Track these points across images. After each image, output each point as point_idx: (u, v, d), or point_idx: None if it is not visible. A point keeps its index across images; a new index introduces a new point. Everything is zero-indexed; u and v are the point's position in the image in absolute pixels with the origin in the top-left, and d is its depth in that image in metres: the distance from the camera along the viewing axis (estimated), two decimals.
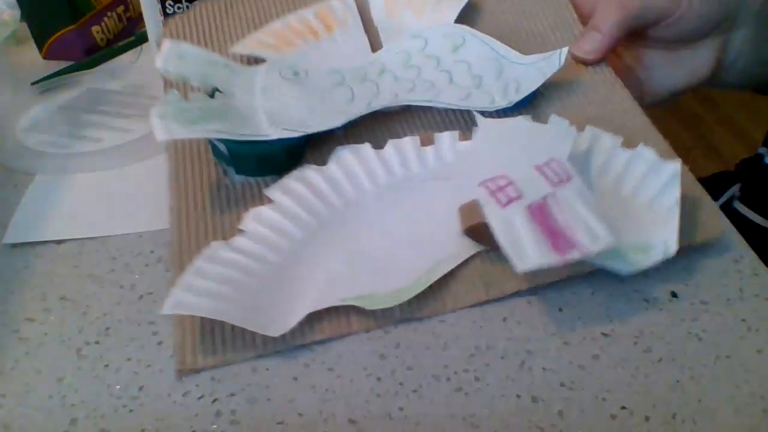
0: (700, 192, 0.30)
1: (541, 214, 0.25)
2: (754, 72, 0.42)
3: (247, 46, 0.37)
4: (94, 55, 0.48)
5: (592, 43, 0.35)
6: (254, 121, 0.30)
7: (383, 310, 0.26)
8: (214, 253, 0.27)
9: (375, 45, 0.38)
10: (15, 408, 0.24)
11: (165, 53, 0.31)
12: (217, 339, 0.25)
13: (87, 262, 0.30)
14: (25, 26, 0.49)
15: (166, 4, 0.42)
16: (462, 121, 0.33)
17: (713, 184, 0.57)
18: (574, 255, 0.24)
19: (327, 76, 0.34)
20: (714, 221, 0.29)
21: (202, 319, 0.25)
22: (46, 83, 0.44)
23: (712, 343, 0.25)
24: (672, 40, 0.38)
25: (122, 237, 0.31)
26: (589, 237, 0.24)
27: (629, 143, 0.30)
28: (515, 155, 0.28)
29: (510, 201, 0.26)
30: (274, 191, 0.29)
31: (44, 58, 0.48)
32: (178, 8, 0.42)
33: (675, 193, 0.28)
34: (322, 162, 0.31)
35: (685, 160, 0.30)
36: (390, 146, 0.31)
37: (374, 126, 0.33)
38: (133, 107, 0.41)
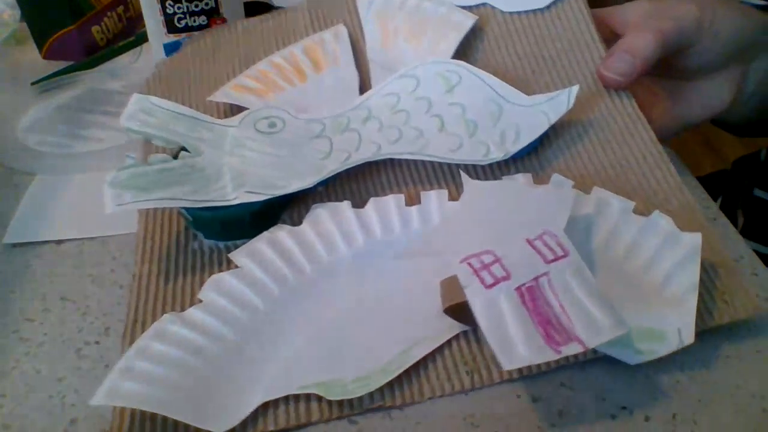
0: (729, 262, 0.26)
1: (532, 299, 0.22)
2: None
3: (227, 94, 0.35)
4: (94, 55, 0.48)
5: (623, 65, 0.31)
6: (219, 183, 0.28)
7: (349, 401, 0.23)
8: (164, 328, 0.24)
9: (366, 81, 0.35)
10: (15, 408, 0.24)
11: (130, 109, 0.30)
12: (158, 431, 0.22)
13: (87, 262, 0.30)
14: (25, 26, 0.50)
15: (166, 4, 0.42)
16: (454, 173, 0.30)
17: (711, 183, 0.57)
18: (571, 350, 0.21)
19: (306, 126, 0.32)
20: (745, 298, 0.25)
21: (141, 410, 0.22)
22: (46, 83, 0.44)
23: (712, 343, 0.25)
24: (693, 70, 0.35)
25: (122, 237, 0.31)
26: (591, 327, 0.21)
27: (647, 200, 0.27)
28: (505, 225, 0.25)
29: (496, 282, 0.23)
30: (239, 255, 0.27)
31: (44, 58, 0.48)
32: (178, 8, 0.42)
33: (694, 273, 0.24)
34: (299, 219, 0.29)
35: (688, 159, 0.28)
36: (371, 205, 0.29)
37: (357, 177, 0.31)
38: None
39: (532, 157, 0.30)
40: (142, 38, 0.49)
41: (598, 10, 0.36)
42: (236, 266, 0.27)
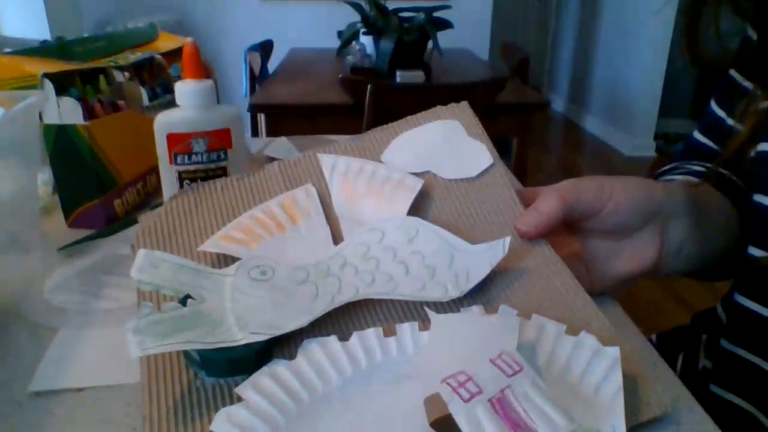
0: (643, 370, 0.32)
1: (502, 407, 0.27)
2: (705, 258, 0.45)
3: (216, 244, 0.39)
4: (113, 224, 0.54)
5: (532, 219, 0.39)
6: (224, 326, 0.32)
7: None
8: None
9: (336, 233, 0.41)
10: None
11: (139, 263, 0.34)
12: None
13: (104, 408, 0.33)
14: (54, 199, 0.56)
15: (184, 183, 0.49)
16: (420, 308, 0.36)
17: (673, 339, 0.61)
18: None
19: (293, 273, 0.36)
20: (659, 398, 0.31)
21: None
22: (69, 249, 0.49)
23: None
24: (609, 231, 0.42)
25: (135, 385, 0.34)
26: (550, 426, 0.26)
27: (573, 323, 0.33)
28: (469, 349, 0.31)
29: (472, 396, 0.27)
30: (245, 389, 0.30)
31: (69, 226, 0.54)
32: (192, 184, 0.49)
33: (617, 379, 0.30)
34: (291, 353, 0.32)
35: (656, 314, 0.33)
36: (355, 338, 0.33)
37: (339, 316, 0.35)
38: None
39: (481, 294, 0.36)
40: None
41: (529, 188, 0.45)
42: (240, 399, 0.30)
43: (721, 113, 0.55)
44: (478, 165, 0.45)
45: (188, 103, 0.48)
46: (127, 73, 0.59)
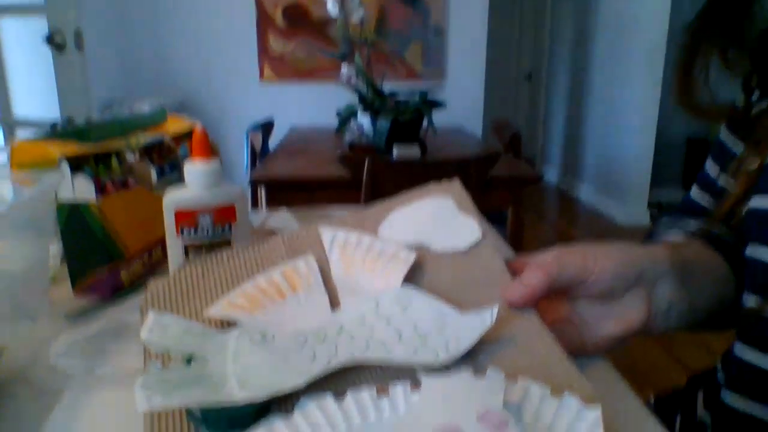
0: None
1: None
2: (696, 313, 0.47)
3: (221, 309, 0.42)
4: (119, 293, 0.57)
5: (518, 291, 0.41)
6: (226, 386, 0.34)
7: None
8: None
9: (334, 300, 0.43)
10: None
11: (150, 325, 0.36)
12: None
13: None
14: (62, 269, 0.59)
15: (189, 254, 0.53)
16: (413, 369, 0.37)
17: (670, 401, 0.62)
18: None
19: (291, 338, 0.38)
20: None
21: None
22: (76, 316, 0.52)
23: None
24: (596, 296, 0.44)
25: None
26: None
27: (556, 387, 0.35)
28: (458, 408, 0.33)
29: None
30: None
31: (76, 296, 0.57)
32: (198, 255, 0.52)
33: None
34: (288, 409, 0.34)
35: (653, 372, 0.35)
36: (350, 397, 0.34)
37: (335, 374, 0.37)
38: None
39: (469, 359, 0.38)
40: None
41: (521, 256, 0.47)
42: None
43: (713, 173, 0.58)
44: (467, 238, 0.48)
45: (196, 182, 0.52)
46: (137, 154, 0.64)
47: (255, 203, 2.05)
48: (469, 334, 0.39)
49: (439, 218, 0.50)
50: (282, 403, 0.35)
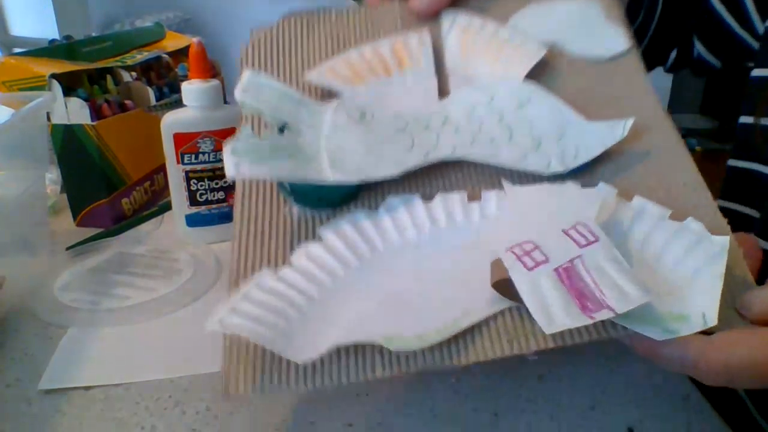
0: (749, 278, 0.28)
1: (568, 277, 0.26)
2: None
3: (321, 74, 0.38)
4: (121, 223, 0.54)
5: None
6: (317, 162, 0.32)
7: (406, 357, 0.26)
8: (262, 280, 0.29)
9: (443, 87, 0.38)
10: None
11: (245, 84, 0.33)
12: (257, 367, 0.27)
13: (112, 407, 0.33)
14: (62, 198, 0.57)
15: (191, 182, 0.50)
16: (512, 177, 0.34)
17: None
18: (603, 315, 0.24)
19: (391, 121, 0.35)
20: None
21: (246, 350, 0.27)
22: (79, 248, 0.50)
23: None
24: None
25: (144, 383, 0.35)
26: (619, 296, 0.25)
27: (682, 214, 0.30)
28: (543, 220, 0.30)
29: (537, 265, 0.26)
30: (326, 231, 0.32)
31: (77, 225, 0.54)
32: (201, 186, 0.50)
33: (720, 267, 0.27)
34: (374, 202, 0.33)
35: None
36: (438, 199, 0.33)
37: (428, 173, 0.34)
38: (157, 269, 0.47)
39: (587, 174, 0.33)
40: (165, 208, 0.57)
41: None
42: (321, 238, 0.32)
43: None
44: (612, 47, 0.40)
45: (194, 103, 0.48)
46: (134, 73, 0.60)
47: None
48: (592, 145, 0.34)
49: (582, 20, 0.42)
50: (370, 193, 0.34)
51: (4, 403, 0.33)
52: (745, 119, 0.48)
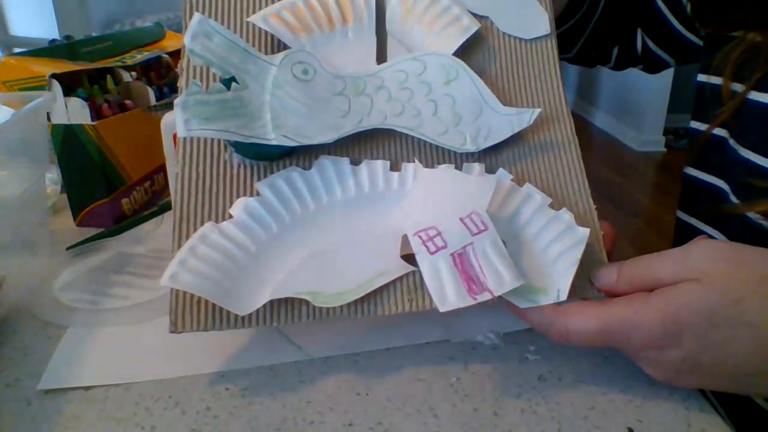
0: (604, 258, 0.35)
1: (461, 262, 0.32)
2: None
3: (266, 19, 0.38)
4: (121, 223, 0.54)
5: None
6: (261, 121, 0.34)
7: (327, 310, 0.32)
8: (206, 234, 0.33)
9: (382, 50, 0.40)
10: None
11: (193, 29, 0.33)
12: (201, 311, 0.32)
13: (112, 406, 0.33)
14: (62, 198, 0.57)
15: None
16: (431, 150, 0.38)
17: None
18: (483, 297, 0.30)
19: (331, 81, 0.37)
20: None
21: (192, 297, 0.32)
22: (79, 248, 0.50)
23: None
24: None
25: (144, 383, 0.34)
26: (498, 281, 0.31)
27: (561, 202, 0.36)
28: (446, 205, 0.34)
29: (437, 249, 0.32)
30: (263, 186, 0.35)
31: (77, 225, 0.54)
32: None
33: (577, 254, 0.33)
34: (308, 159, 0.36)
35: None
36: (365, 165, 0.36)
37: (356, 143, 0.37)
38: (156, 269, 0.46)
39: (492, 153, 0.38)
40: (165, 208, 0.57)
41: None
42: (258, 193, 0.35)
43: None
44: (535, 29, 0.43)
45: None
46: (134, 73, 0.60)
47: None
48: (502, 128, 0.38)
49: None
50: (305, 150, 0.36)
51: (4, 403, 0.33)
52: (694, 124, 0.48)
